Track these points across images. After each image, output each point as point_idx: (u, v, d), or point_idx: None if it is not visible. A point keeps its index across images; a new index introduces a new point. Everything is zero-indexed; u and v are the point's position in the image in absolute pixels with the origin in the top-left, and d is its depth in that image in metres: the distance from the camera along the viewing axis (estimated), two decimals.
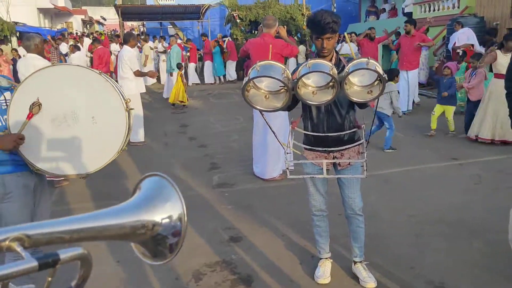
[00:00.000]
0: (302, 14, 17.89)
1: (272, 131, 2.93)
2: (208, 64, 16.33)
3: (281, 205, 4.71)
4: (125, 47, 7.42)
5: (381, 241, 3.79)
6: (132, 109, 2.63)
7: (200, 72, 17.27)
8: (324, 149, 2.96)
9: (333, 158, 2.97)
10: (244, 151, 6.90)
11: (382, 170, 5.67)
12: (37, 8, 32.80)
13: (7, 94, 2.56)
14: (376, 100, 2.57)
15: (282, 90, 2.55)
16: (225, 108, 11.16)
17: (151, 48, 16.77)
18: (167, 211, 0.88)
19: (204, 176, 5.76)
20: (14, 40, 18.60)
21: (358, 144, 2.98)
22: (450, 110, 7.27)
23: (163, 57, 15.55)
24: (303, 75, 2.42)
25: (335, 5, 23.67)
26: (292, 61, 13.69)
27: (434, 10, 14.64)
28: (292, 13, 17.80)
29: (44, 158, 2.54)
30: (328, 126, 2.92)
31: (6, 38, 15.97)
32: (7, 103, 2.49)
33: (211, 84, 16.16)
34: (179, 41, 17.18)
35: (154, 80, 15.49)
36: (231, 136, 8.01)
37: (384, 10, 19.82)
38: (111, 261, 3.62)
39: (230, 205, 4.74)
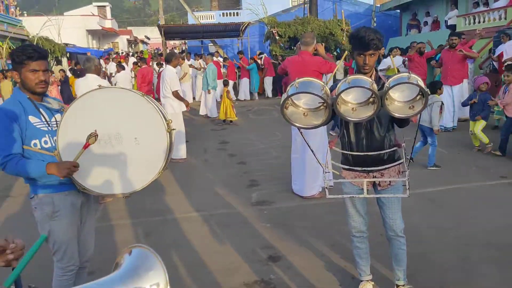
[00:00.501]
0: (342, 29, 17.84)
1: (310, 149, 2.90)
2: (244, 81, 16.54)
3: (321, 224, 4.65)
4: (168, 66, 7.61)
5: (425, 263, 3.65)
6: (173, 129, 2.69)
7: (236, 89, 17.51)
8: (363, 168, 2.90)
9: (373, 178, 2.91)
10: (283, 169, 6.88)
11: (426, 188, 5.49)
12: (86, 30, 34.51)
13: (58, 116, 2.68)
14: (418, 115, 2.52)
15: (321, 107, 2.54)
16: (264, 124, 11.21)
17: (190, 66, 17.17)
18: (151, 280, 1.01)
19: (243, 193, 5.78)
20: (64, 60, 19.56)
21: (399, 164, 2.91)
22: (479, 123, 7.07)
23: (199, 74, 15.94)
24: (343, 91, 2.40)
25: (375, 19, 23.46)
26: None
27: (479, 22, 14.20)
28: (331, 29, 17.78)
29: (90, 177, 2.63)
30: (367, 145, 2.86)
31: (57, 59, 16.83)
32: (57, 125, 2.61)
33: (248, 100, 16.33)
34: (219, 58, 17.58)
35: (190, 98, 15.86)
36: (270, 153, 8.02)
37: (426, 23, 19.42)
38: None
39: (268, 223, 4.72)
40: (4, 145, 2.49)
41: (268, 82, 16.83)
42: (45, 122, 2.62)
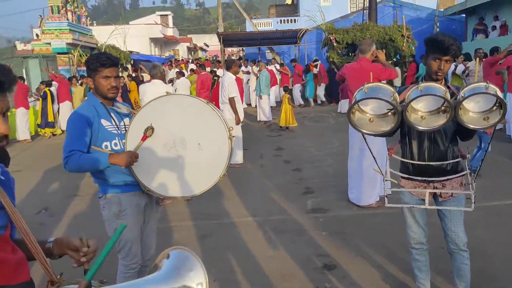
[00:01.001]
0: (402, 35, 17.34)
1: (372, 156, 2.84)
2: (297, 87, 16.56)
3: (378, 234, 4.55)
4: (227, 73, 7.77)
5: (490, 280, 3.47)
6: (234, 136, 2.78)
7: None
8: (424, 178, 2.81)
9: (434, 189, 2.81)
10: (339, 176, 6.81)
11: (491, 201, 5.21)
12: (149, 38, 36.06)
13: (127, 120, 2.85)
14: (493, 127, 2.43)
15: (389, 114, 2.50)
16: (320, 131, 11.14)
17: (243, 72, 17.50)
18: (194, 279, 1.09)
19: (298, 200, 5.78)
20: (129, 67, 20.55)
21: (462, 175, 2.81)
22: None
23: (251, 79, 16.21)
24: (414, 99, 2.35)
25: (438, 24, 22.63)
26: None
27: None
28: (391, 35, 17.34)
29: (154, 179, 2.77)
30: (430, 154, 2.78)
31: (123, 66, 17.73)
32: (126, 128, 2.77)
33: (303, 106, 16.31)
34: (276, 65, 17.76)
35: (244, 104, 16.20)
36: (326, 160, 7.96)
37: (494, 27, 18.44)
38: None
39: (324, 231, 4.69)
40: (72, 141, 2.65)
41: (322, 89, 16.79)
42: (115, 126, 2.79)
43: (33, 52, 17.46)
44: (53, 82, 13.27)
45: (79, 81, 14.06)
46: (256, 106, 14.18)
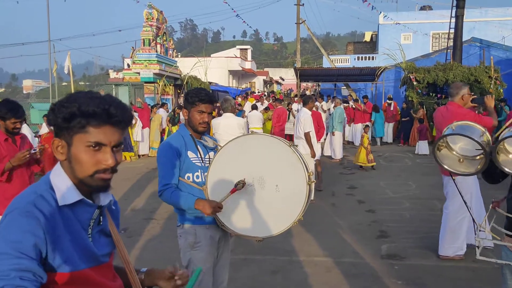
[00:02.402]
0: (490, 77, 16.47)
1: (463, 201, 2.66)
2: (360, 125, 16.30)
3: None
4: (304, 109, 7.85)
5: None
6: (313, 181, 2.75)
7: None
8: None
9: None
10: (415, 222, 6.48)
11: None
12: (228, 70, 37.50)
13: (211, 154, 2.96)
14: None
15: (478, 157, 2.36)
16: (396, 172, 10.74)
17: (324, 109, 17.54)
18: None
19: (372, 244, 5.55)
20: None
21: None
22: None
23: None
24: (507, 137, 2.19)
25: None
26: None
27: None
28: (477, 76, 16.55)
29: (230, 216, 2.80)
30: None
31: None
32: (210, 162, 2.87)
33: (377, 146, 16.00)
34: (350, 103, 17.64)
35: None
36: (402, 203, 7.62)
37: None
38: None
39: (400, 280, 4.44)
40: (166, 174, 2.82)
41: (389, 127, 16.55)
42: (200, 158, 2.90)
43: (124, 80, 18.83)
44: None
45: (159, 108, 14.95)
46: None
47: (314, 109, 8.67)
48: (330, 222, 6.59)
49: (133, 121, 13.33)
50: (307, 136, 7.50)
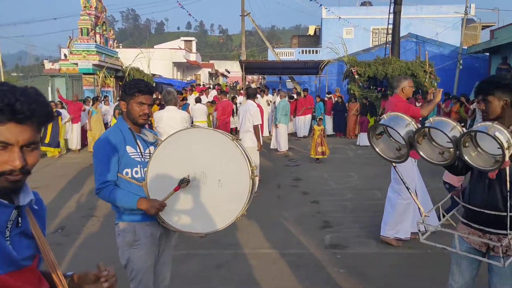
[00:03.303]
0: (425, 71, 17.32)
1: (406, 187, 2.72)
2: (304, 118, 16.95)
3: (399, 275, 4.38)
4: (250, 101, 7.83)
5: None
6: (257, 176, 2.72)
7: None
8: (481, 227, 2.58)
9: (489, 240, 2.53)
10: (357, 211, 6.68)
11: None
12: (172, 62, 36.76)
13: (151, 149, 2.83)
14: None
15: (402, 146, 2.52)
16: (338, 163, 11.02)
17: (270, 101, 17.70)
18: None
19: (316, 234, 5.65)
20: None
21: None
22: None
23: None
24: (426, 127, 2.37)
25: (461, 61, 22.54)
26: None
27: None
28: (413, 70, 17.35)
29: (171, 213, 2.70)
30: (485, 201, 2.54)
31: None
32: (150, 157, 2.75)
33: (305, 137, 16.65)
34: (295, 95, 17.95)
35: (266, 132, 16.44)
36: (344, 194, 7.83)
37: None
38: None
39: (342, 269, 4.55)
40: (104, 171, 2.66)
41: (329, 121, 17.24)
42: (140, 153, 2.77)
43: (60, 72, 17.91)
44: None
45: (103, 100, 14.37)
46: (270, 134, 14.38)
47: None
48: (275, 214, 6.63)
49: (65, 116, 12.80)
50: (256, 128, 7.53)
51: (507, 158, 2.12)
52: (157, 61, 29.73)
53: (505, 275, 2.55)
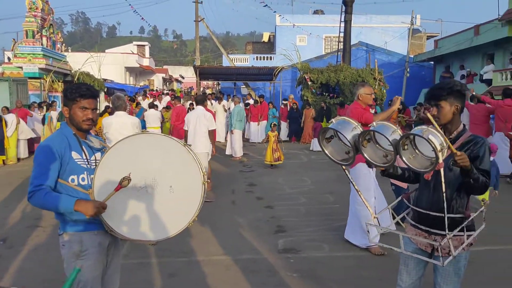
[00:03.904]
0: (374, 78, 17.90)
1: (355, 188, 2.79)
2: (255, 124, 17.24)
3: (352, 277, 4.48)
4: (200, 107, 7.89)
5: None
6: (208, 181, 2.69)
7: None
8: (427, 229, 2.68)
9: (434, 241, 2.62)
10: (310, 216, 6.77)
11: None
12: (125, 67, 35.93)
13: (98, 155, 2.73)
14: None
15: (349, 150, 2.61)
16: (293, 169, 11.15)
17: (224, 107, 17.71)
18: None
19: (270, 239, 5.67)
20: (101, 95, 20.30)
21: (468, 235, 2.59)
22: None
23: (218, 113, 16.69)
24: (362, 134, 2.47)
25: (408, 69, 23.52)
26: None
27: None
28: (363, 77, 17.88)
29: (120, 221, 2.62)
30: (430, 203, 2.65)
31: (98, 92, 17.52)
32: (96, 164, 2.65)
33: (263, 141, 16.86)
34: (251, 100, 18.07)
35: (222, 138, 16.45)
36: (298, 198, 7.93)
37: (463, 76, 19.32)
38: None
39: (295, 273, 4.58)
40: (40, 174, 2.52)
41: (283, 127, 17.57)
42: (85, 160, 2.67)
43: (3, 75, 17.02)
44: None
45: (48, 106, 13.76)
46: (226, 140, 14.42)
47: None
48: (229, 220, 6.60)
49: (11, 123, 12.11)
50: (212, 133, 7.67)
51: (440, 160, 2.23)
52: (109, 66, 28.97)
53: (448, 275, 2.68)
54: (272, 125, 12.55)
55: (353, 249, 5.24)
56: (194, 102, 10.65)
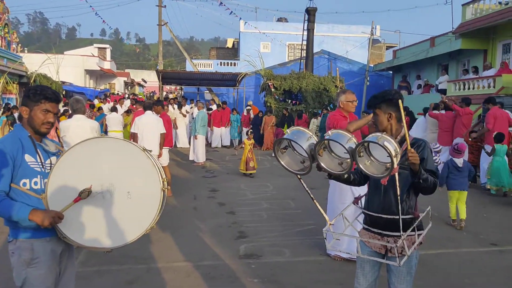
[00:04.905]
0: (336, 86, 18.28)
1: (311, 197, 2.82)
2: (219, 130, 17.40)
3: (312, 282, 4.52)
4: (149, 112, 8.20)
5: None
6: (168, 187, 2.65)
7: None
8: (379, 231, 2.78)
9: (387, 242, 2.72)
10: (272, 221, 6.81)
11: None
12: (85, 70, 34.96)
13: (53, 159, 2.64)
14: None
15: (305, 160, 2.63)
16: (255, 174, 11.17)
17: (187, 112, 17.59)
18: None
19: (231, 245, 5.65)
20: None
21: (418, 235, 2.71)
22: (465, 196, 6.63)
23: (179, 119, 16.70)
24: (318, 143, 2.51)
25: (368, 78, 24.16)
26: None
27: (469, 89, 14.68)
28: (325, 85, 18.23)
29: (73, 227, 2.54)
30: (381, 206, 2.76)
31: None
32: (51, 168, 2.56)
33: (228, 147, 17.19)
34: (214, 106, 18.04)
35: (186, 143, 16.33)
36: (260, 204, 7.95)
37: (420, 86, 20.03)
38: None
39: (256, 279, 4.58)
40: None
41: (244, 132, 17.63)
42: (40, 163, 2.57)
43: None
44: None
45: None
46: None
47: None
48: (191, 226, 6.53)
49: None
50: (163, 137, 7.98)
51: (395, 165, 2.33)
52: (68, 68, 28.12)
53: (401, 274, 2.81)
54: (249, 132, 12.54)
55: (313, 254, 5.30)
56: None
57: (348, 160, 2.50)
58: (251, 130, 13.43)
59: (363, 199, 3.01)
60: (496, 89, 13.21)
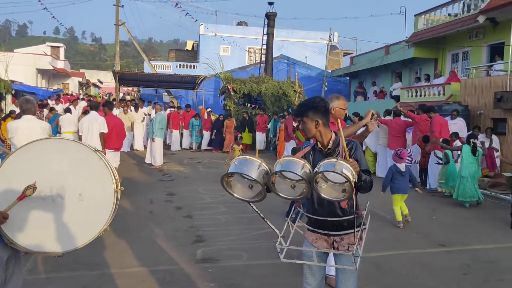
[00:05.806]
0: (294, 91, 18.52)
1: (261, 216, 2.84)
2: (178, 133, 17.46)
3: (269, 285, 4.54)
4: (94, 112, 8.18)
5: None
6: (121, 189, 2.59)
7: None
8: (325, 232, 2.89)
9: (333, 242, 2.88)
10: (229, 224, 6.79)
11: (370, 252, 5.55)
12: (36, 69, 33.57)
13: None
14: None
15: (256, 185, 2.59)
16: (213, 178, 11.10)
17: (145, 114, 17.30)
18: None
19: (188, 249, 5.58)
20: (9, 97, 18.80)
21: (359, 230, 2.81)
22: (405, 197, 7.03)
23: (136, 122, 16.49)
24: (274, 173, 2.50)
25: (326, 83, 24.65)
26: None
27: (420, 96, 15.29)
28: (284, 89, 18.42)
29: (21, 232, 2.43)
30: (327, 210, 2.84)
31: (1, 95, 16.10)
32: None
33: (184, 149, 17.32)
34: (172, 109, 17.87)
35: (140, 146, 16.14)
36: (218, 208, 7.91)
37: (376, 92, 20.63)
38: None
39: (213, 283, 4.55)
40: None
41: (206, 135, 17.72)
42: None
43: None
44: None
45: None
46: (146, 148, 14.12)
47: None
48: (146, 230, 6.40)
49: None
50: (103, 136, 7.94)
51: (353, 189, 2.42)
52: (18, 67, 26.93)
53: (348, 271, 2.89)
54: (238, 137, 12.49)
55: (270, 257, 5.32)
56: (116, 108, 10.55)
57: (301, 183, 2.50)
58: (240, 135, 13.45)
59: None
60: (446, 97, 13.84)
